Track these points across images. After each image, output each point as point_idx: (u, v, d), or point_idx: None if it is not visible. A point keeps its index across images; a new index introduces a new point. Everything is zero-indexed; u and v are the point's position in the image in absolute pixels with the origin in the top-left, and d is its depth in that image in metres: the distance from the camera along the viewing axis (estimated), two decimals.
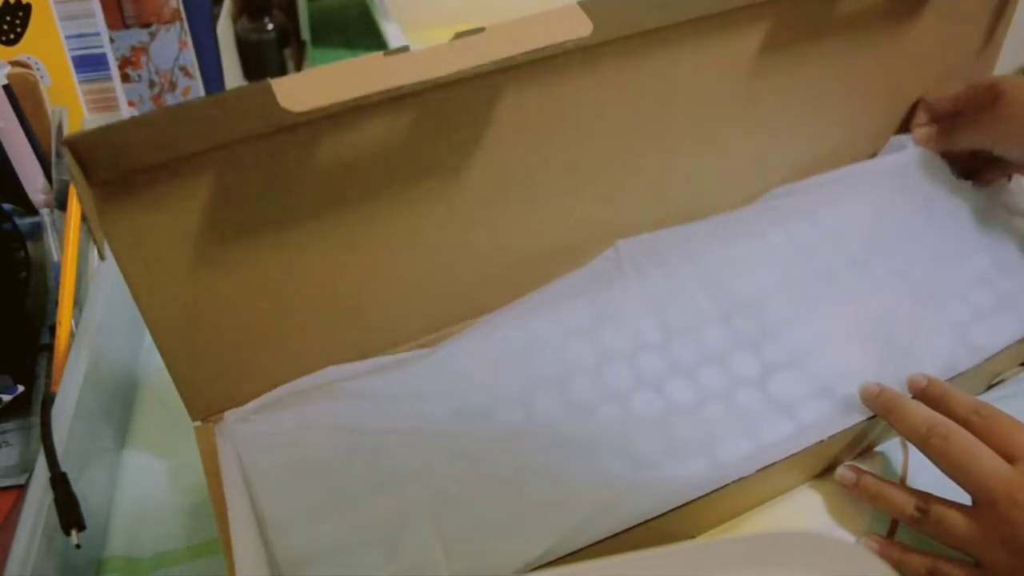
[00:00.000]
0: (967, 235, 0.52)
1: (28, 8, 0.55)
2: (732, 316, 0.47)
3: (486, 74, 0.38)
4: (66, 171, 0.55)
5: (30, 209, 0.56)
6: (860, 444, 0.45)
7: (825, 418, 0.43)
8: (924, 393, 0.42)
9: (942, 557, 0.40)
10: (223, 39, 0.67)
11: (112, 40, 0.59)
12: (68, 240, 0.51)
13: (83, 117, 0.59)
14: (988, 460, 0.38)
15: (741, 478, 0.41)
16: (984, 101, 0.51)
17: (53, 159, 0.55)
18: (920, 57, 0.53)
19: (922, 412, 0.40)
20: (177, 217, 0.36)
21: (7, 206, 0.55)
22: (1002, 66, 0.57)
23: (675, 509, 0.39)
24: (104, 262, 0.51)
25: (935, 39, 0.52)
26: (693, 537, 0.43)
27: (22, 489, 0.41)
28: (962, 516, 0.38)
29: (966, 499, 0.39)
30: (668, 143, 0.47)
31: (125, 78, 0.61)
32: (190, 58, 0.61)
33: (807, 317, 0.47)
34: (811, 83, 0.50)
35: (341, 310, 0.43)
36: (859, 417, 0.43)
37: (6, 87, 0.52)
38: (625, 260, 0.48)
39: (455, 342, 0.45)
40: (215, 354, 0.40)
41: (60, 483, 0.39)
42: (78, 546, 0.38)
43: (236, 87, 0.34)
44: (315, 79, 0.34)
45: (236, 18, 0.75)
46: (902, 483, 0.44)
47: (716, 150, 0.49)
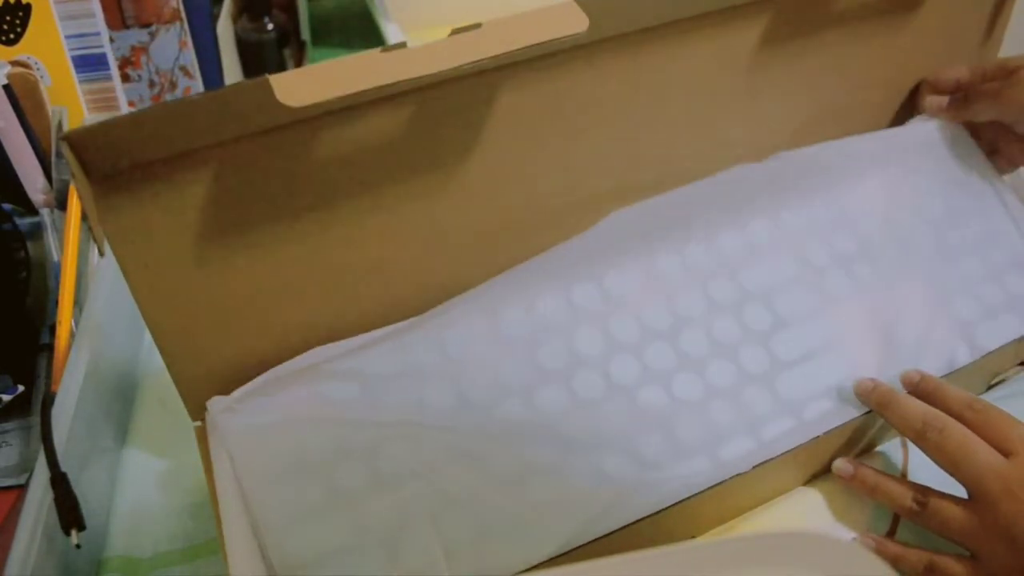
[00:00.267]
0: (985, 226, 0.51)
1: (28, 8, 0.55)
2: (744, 306, 0.46)
3: (483, 71, 0.38)
4: (66, 171, 0.55)
5: (30, 209, 0.56)
6: (859, 441, 0.45)
7: (826, 415, 0.43)
8: (917, 388, 0.43)
9: (940, 552, 0.40)
10: (223, 39, 0.67)
11: (112, 40, 0.59)
12: (68, 240, 0.51)
13: (83, 117, 0.59)
14: (983, 454, 0.38)
15: (738, 474, 0.41)
16: (997, 75, 0.50)
17: (53, 159, 0.55)
18: (920, 51, 0.53)
19: (917, 407, 0.40)
20: (176, 213, 0.36)
21: (7, 206, 0.55)
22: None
23: (675, 505, 0.39)
24: (104, 262, 0.51)
25: (935, 33, 0.52)
26: (693, 537, 0.43)
27: (22, 489, 0.41)
28: (959, 509, 0.38)
29: (964, 494, 0.39)
30: (666, 137, 0.47)
31: (125, 78, 0.61)
32: (190, 58, 0.61)
33: (819, 311, 0.46)
34: (810, 76, 0.50)
35: (342, 305, 0.42)
36: (856, 413, 0.42)
37: (6, 87, 0.52)
38: (633, 234, 0.47)
39: (454, 318, 0.43)
40: (215, 352, 0.40)
41: (60, 483, 0.39)
42: (78, 546, 0.38)
43: (234, 83, 0.34)
44: (313, 75, 0.34)
45: (236, 18, 0.75)
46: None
47: (715, 144, 0.49)
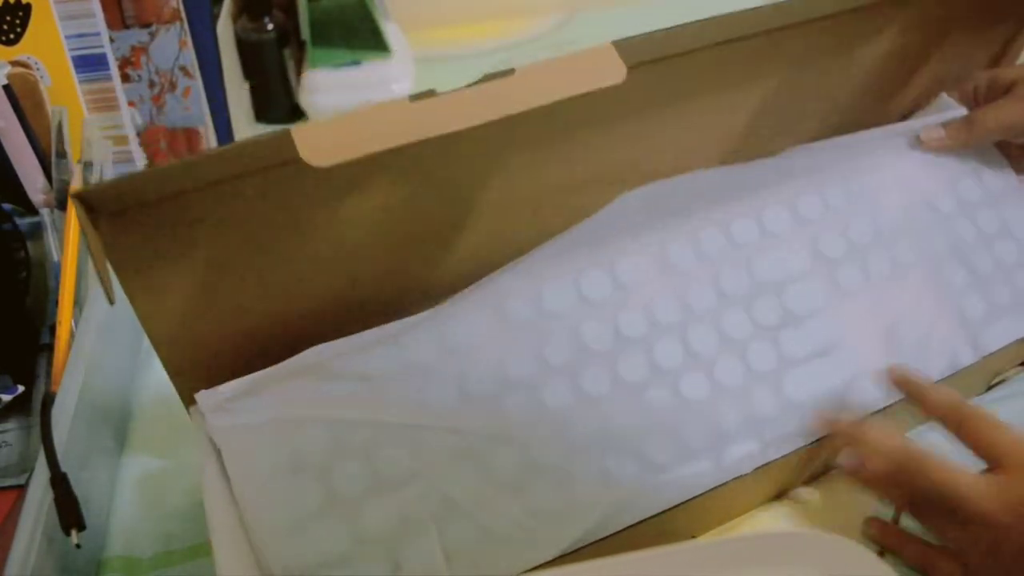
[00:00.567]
0: (997, 221, 0.50)
1: (28, 8, 0.55)
2: (755, 299, 0.45)
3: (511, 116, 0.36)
4: (66, 171, 0.55)
5: (30, 209, 0.56)
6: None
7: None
8: (904, 386, 0.43)
9: (936, 548, 0.40)
10: (223, 39, 0.67)
11: (112, 40, 0.59)
12: (68, 240, 0.51)
13: (83, 117, 0.59)
14: (962, 476, 0.37)
15: (740, 476, 0.41)
16: (991, 93, 0.49)
17: (53, 159, 0.55)
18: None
19: (888, 437, 0.40)
20: (183, 243, 0.36)
21: (7, 206, 0.55)
22: None
23: (676, 506, 0.39)
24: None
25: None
26: (693, 537, 0.43)
27: (22, 489, 0.41)
28: (952, 527, 0.38)
29: None
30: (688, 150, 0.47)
31: (125, 78, 0.61)
32: (190, 58, 0.61)
33: (830, 306, 0.45)
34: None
35: (344, 315, 0.42)
36: (860, 415, 0.42)
37: (6, 87, 0.52)
38: (644, 218, 0.46)
39: (457, 311, 0.42)
40: (216, 360, 0.40)
41: (60, 483, 0.39)
42: (78, 546, 0.38)
43: (254, 136, 0.33)
44: (339, 130, 0.32)
45: (236, 18, 0.75)
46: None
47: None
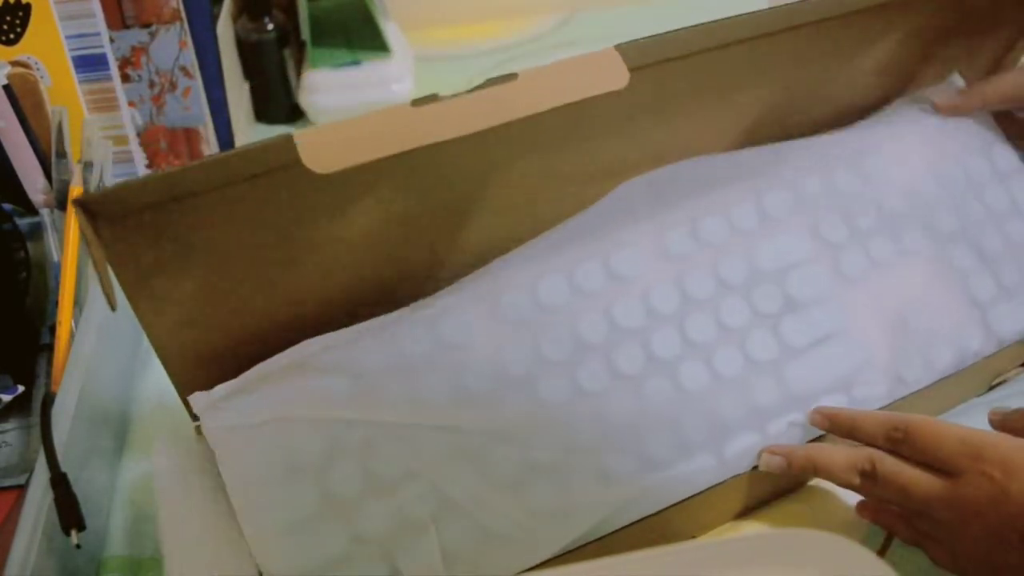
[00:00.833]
0: (1005, 197, 0.49)
1: (28, 8, 0.55)
2: (754, 287, 0.44)
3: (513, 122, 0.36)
4: (66, 171, 0.55)
5: (30, 209, 0.56)
6: None
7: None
8: (832, 429, 0.41)
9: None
10: (223, 39, 0.66)
11: (112, 40, 0.59)
12: (68, 240, 0.51)
13: (83, 117, 0.59)
14: (923, 485, 0.37)
15: (741, 473, 0.40)
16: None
17: (53, 159, 0.55)
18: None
19: (840, 457, 0.39)
20: (185, 248, 0.36)
21: (7, 206, 0.55)
22: None
23: (676, 505, 0.39)
24: None
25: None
26: (693, 537, 0.43)
27: (22, 489, 0.41)
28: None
29: None
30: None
31: (125, 78, 0.61)
32: (190, 58, 0.61)
33: (833, 292, 0.45)
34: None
35: (346, 318, 0.42)
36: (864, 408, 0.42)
37: (6, 87, 0.52)
38: (643, 206, 0.45)
39: (451, 304, 0.41)
40: (218, 364, 0.40)
41: (60, 483, 0.39)
42: (78, 546, 0.38)
43: (256, 142, 0.33)
44: (342, 136, 0.32)
45: (236, 18, 0.75)
46: None
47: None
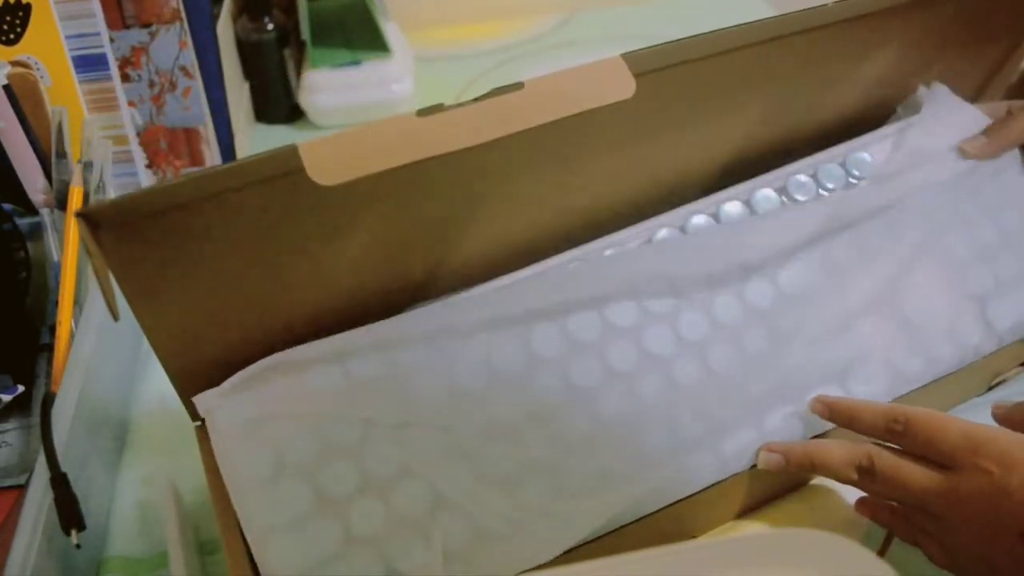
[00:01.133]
0: (1000, 191, 0.49)
1: (28, 8, 0.55)
2: (747, 282, 0.44)
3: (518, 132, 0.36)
4: (66, 171, 0.55)
5: (30, 209, 0.56)
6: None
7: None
8: (832, 418, 0.41)
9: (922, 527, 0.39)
10: (223, 39, 0.66)
11: (112, 40, 0.59)
12: (68, 240, 0.51)
13: (83, 117, 0.59)
14: (919, 479, 0.37)
15: (740, 472, 0.40)
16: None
17: (53, 159, 0.55)
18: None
19: (839, 452, 0.39)
20: (186, 256, 0.36)
21: (7, 206, 0.55)
22: None
23: (676, 504, 0.39)
24: None
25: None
26: (693, 537, 0.43)
27: (22, 489, 0.41)
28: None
29: None
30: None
31: (125, 78, 0.61)
32: (190, 58, 0.61)
33: (826, 288, 0.45)
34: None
35: (346, 325, 0.42)
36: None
37: (6, 87, 0.52)
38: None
39: (445, 310, 0.42)
40: (220, 369, 0.40)
41: (60, 483, 0.39)
42: (78, 546, 0.38)
43: (261, 153, 0.33)
44: (346, 147, 0.32)
45: (236, 18, 0.75)
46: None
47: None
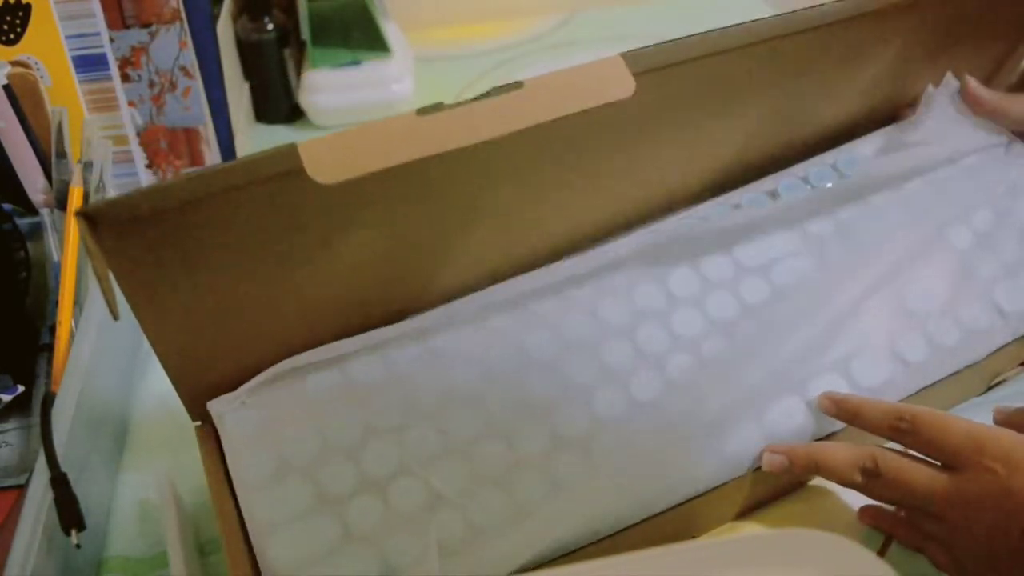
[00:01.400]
0: (994, 175, 0.49)
1: (28, 8, 0.55)
2: (740, 282, 0.44)
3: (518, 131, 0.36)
4: (66, 171, 0.55)
5: (30, 209, 0.56)
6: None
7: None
8: (838, 414, 0.41)
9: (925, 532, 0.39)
10: (223, 39, 0.66)
11: (112, 40, 0.59)
12: (68, 240, 0.51)
13: (83, 117, 0.59)
14: (923, 480, 0.37)
15: (739, 477, 0.40)
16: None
17: (53, 159, 0.55)
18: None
19: (843, 454, 0.39)
20: (187, 256, 0.36)
21: (7, 206, 0.55)
22: None
23: (677, 507, 0.39)
24: None
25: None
26: (693, 537, 0.43)
27: (22, 489, 0.41)
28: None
29: None
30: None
31: (125, 78, 0.61)
32: (190, 58, 0.61)
33: (820, 281, 0.45)
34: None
35: (346, 323, 0.43)
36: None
37: (6, 87, 0.52)
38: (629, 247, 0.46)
39: (442, 316, 0.43)
40: (220, 369, 0.41)
41: (60, 483, 0.39)
42: (78, 546, 0.38)
43: (260, 152, 0.33)
44: (346, 146, 0.32)
45: (236, 18, 0.75)
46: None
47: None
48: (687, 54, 0.40)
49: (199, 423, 0.42)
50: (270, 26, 0.74)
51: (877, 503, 0.42)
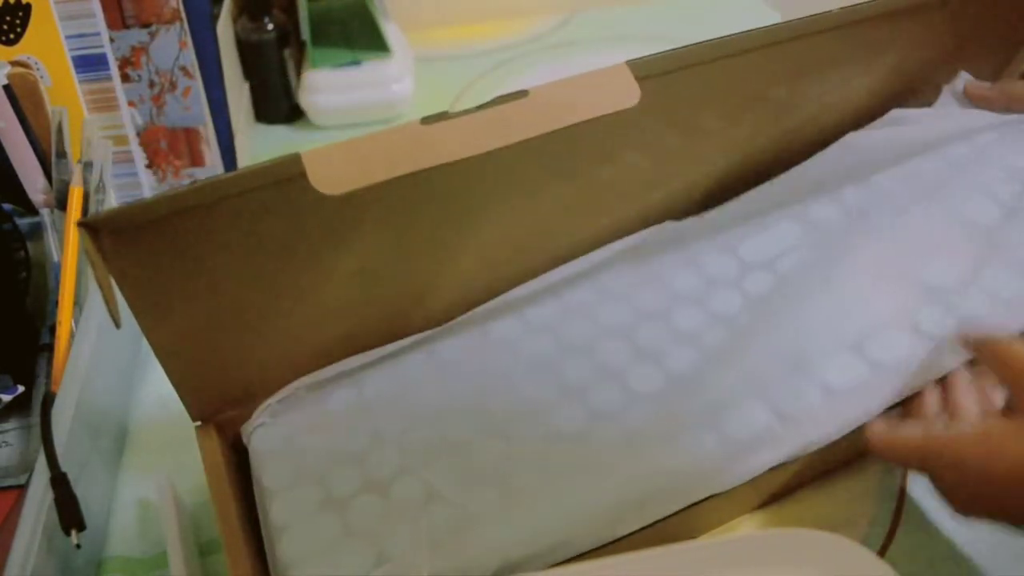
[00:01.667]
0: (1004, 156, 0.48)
1: (28, 8, 0.55)
2: (744, 279, 0.44)
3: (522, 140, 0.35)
4: (66, 171, 0.55)
5: (30, 209, 0.56)
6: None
7: (859, 387, 0.41)
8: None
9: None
10: (223, 39, 0.66)
11: (112, 40, 0.59)
12: (68, 240, 0.51)
13: (83, 117, 0.59)
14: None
15: (741, 483, 0.40)
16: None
17: (53, 159, 0.55)
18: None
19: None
20: (188, 262, 0.36)
21: (7, 206, 0.55)
22: None
23: (678, 513, 0.39)
24: None
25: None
26: (693, 537, 0.43)
27: (22, 489, 0.41)
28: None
29: None
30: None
31: (125, 78, 0.61)
32: (190, 58, 0.61)
33: (823, 268, 0.44)
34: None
35: (347, 329, 0.43)
36: (899, 392, 0.41)
37: (6, 87, 0.52)
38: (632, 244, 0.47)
39: (446, 329, 0.45)
40: (214, 362, 0.41)
41: (60, 483, 0.39)
42: (78, 546, 0.38)
43: (263, 162, 0.33)
44: (351, 156, 0.32)
45: (236, 18, 0.75)
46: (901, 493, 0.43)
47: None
48: (691, 59, 0.40)
49: (199, 423, 0.42)
50: (270, 26, 0.74)
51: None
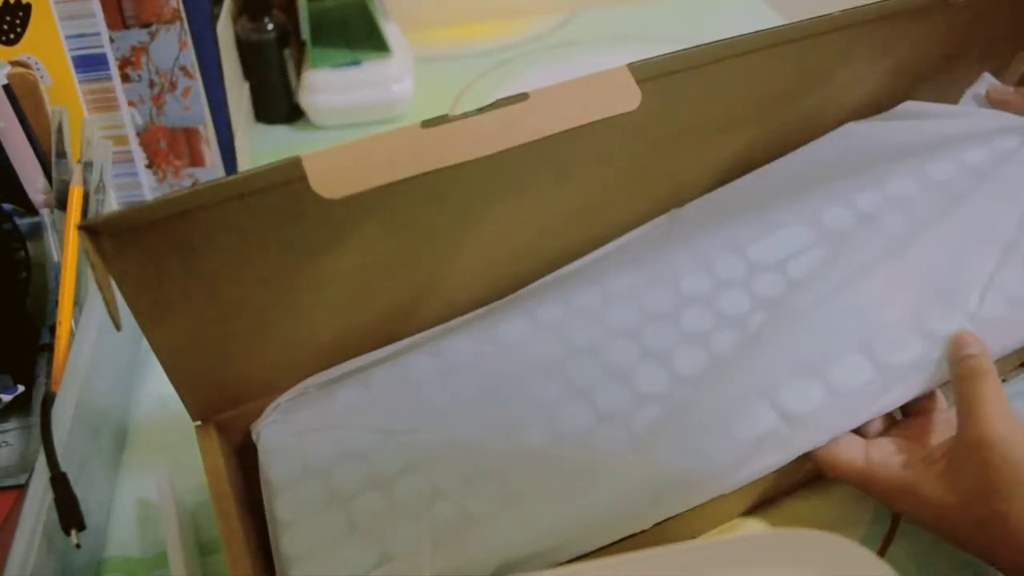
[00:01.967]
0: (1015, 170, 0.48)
1: (28, 8, 0.55)
2: (753, 279, 0.44)
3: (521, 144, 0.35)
4: (66, 171, 0.55)
5: (30, 209, 0.56)
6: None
7: (866, 390, 0.41)
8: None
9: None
10: (223, 39, 0.66)
11: (112, 40, 0.59)
12: (68, 240, 0.51)
13: (83, 117, 0.59)
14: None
15: (742, 485, 0.40)
16: None
17: (53, 159, 0.55)
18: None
19: None
20: (185, 257, 0.36)
21: (7, 206, 0.55)
22: None
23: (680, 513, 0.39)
24: None
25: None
26: (693, 537, 0.43)
27: (22, 489, 0.41)
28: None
29: None
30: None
31: (125, 78, 0.61)
32: (190, 58, 0.61)
33: (834, 270, 0.44)
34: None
35: (348, 330, 0.43)
36: (906, 395, 0.41)
37: (6, 87, 0.52)
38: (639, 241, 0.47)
39: (452, 328, 0.45)
40: (214, 362, 0.41)
41: (60, 483, 0.39)
42: (78, 546, 0.38)
43: (263, 166, 0.33)
44: (351, 160, 0.32)
45: (236, 18, 0.75)
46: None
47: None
48: (692, 62, 0.40)
49: (199, 423, 0.42)
50: (270, 26, 0.74)
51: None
